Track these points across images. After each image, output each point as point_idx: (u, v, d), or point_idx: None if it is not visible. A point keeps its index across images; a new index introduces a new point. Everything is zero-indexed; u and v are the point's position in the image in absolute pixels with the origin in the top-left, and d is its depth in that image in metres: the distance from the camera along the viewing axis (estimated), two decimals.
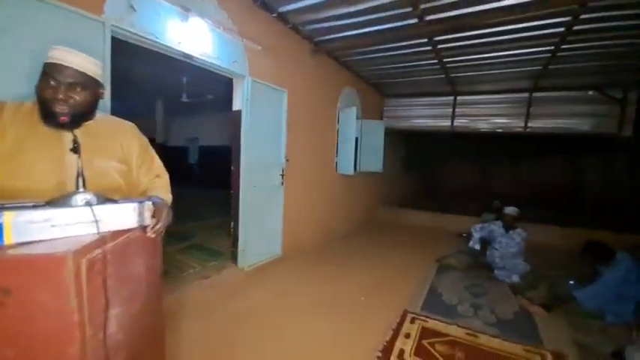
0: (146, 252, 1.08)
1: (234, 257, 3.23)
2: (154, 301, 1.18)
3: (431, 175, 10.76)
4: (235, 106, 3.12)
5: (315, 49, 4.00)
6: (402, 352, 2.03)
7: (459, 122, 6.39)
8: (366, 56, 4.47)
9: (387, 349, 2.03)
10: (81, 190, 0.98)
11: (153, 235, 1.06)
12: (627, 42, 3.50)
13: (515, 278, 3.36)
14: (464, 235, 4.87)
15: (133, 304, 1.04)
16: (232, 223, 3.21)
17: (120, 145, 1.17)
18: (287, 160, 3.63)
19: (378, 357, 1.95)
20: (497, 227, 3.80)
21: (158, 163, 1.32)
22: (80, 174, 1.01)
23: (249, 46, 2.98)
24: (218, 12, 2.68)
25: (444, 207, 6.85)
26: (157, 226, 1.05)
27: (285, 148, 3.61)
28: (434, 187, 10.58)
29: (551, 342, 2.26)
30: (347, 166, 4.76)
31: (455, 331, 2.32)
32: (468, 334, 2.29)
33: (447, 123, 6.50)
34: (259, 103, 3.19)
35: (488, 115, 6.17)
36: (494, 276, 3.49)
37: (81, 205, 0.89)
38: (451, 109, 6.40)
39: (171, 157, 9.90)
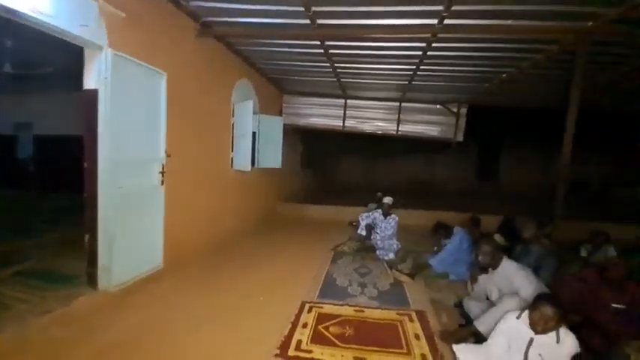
0: None
1: (92, 279, 2.54)
2: None
3: (327, 170, 11.63)
4: (88, 84, 2.45)
5: (202, 30, 3.59)
6: (299, 342, 2.07)
7: (349, 123, 7.14)
8: (262, 48, 4.36)
9: (285, 344, 2.04)
10: None
11: None
12: (460, 69, 4.69)
13: (391, 255, 4.01)
14: (354, 223, 5.46)
15: None
16: (87, 236, 2.52)
17: None
18: (168, 156, 3.12)
19: (276, 354, 1.93)
20: (378, 214, 4.43)
21: None
22: None
23: (107, 9, 2.37)
24: None
25: (338, 200, 7.50)
26: None
27: (165, 140, 3.08)
28: (330, 181, 11.49)
29: (415, 303, 2.79)
30: (244, 162, 4.53)
31: (345, 310, 2.56)
32: (356, 310, 2.57)
33: (339, 123, 7.15)
34: (126, 84, 2.59)
35: (371, 118, 7.15)
36: (376, 256, 4.06)
37: None
38: (342, 111, 7.08)
39: None
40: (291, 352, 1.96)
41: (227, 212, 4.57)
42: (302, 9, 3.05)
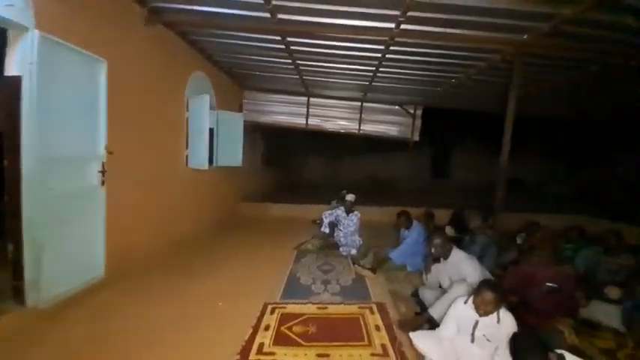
0: None
1: (18, 294, 2.20)
2: None
3: (290, 169, 11.55)
4: (10, 70, 2.12)
5: (151, 16, 3.30)
6: (261, 346, 2.01)
7: (312, 121, 7.15)
8: (219, 40, 4.14)
9: (246, 349, 1.96)
10: None
11: None
12: (416, 72, 4.96)
13: (353, 251, 4.11)
14: (317, 221, 5.49)
15: None
16: (10, 246, 2.18)
17: None
18: (110, 153, 2.81)
19: None
20: (341, 212, 4.51)
21: None
22: None
23: None
24: None
25: (302, 198, 7.48)
26: None
27: (105, 136, 2.76)
28: (293, 180, 11.42)
29: (376, 296, 2.89)
30: (200, 160, 4.26)
31: (309, 308, 2.55)
32: (319, 308, 2.58)
33: (302, 121, 7.13)
34: (56, 71, 2.28)
35: (334, 117, 7.25)
36: (340, 252, 4.13)
37: None
38: (305, 109, 7.06)
39: None
40: (252, 357, 1.90)
41: (182, 214, 4.28)
42: (261, 1, 2.96)
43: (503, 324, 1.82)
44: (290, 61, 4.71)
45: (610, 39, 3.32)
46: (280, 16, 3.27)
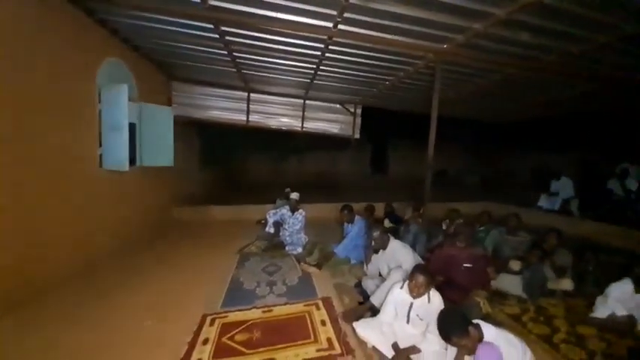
0: None
1: None
2: None
3: (232, 168, 10.96)
4: None
5: None
6: None
7: (253, 118, 6.87)
8: (138, 22, 3.59)
9: None
10: None
11: None
12: (353, 73, 5.14)
13: (299, 249, 4.10)
14: (262, 221, 5.33)
15: None
16: None
17: None
18: None
19: None
20: (286, 210, 4.45)
21: None
22: None
23: None
24: None
25: (245, 198, 7.16)
26: None
27: None
28: (235, 179, 10.86)
29: (321, 291, 2.93)
30: (118, 160, 3.66)
31: (253, 314, 2.44)
32: (264, 311, 2.48)
33: (242, 117, 6.80)
34: None
35: (277, 114, 7.10)
36: (286, 252, 4.07)
37: None
38: (246, 105, 6.75)
39: None
40: None
41: (98, 224, 3.62)
42: None
43: (433, 303, 2.01)
44: (226, 52, 4.41)
45: (508, 52, 3.94)
46: (212, 2, 3.02)
